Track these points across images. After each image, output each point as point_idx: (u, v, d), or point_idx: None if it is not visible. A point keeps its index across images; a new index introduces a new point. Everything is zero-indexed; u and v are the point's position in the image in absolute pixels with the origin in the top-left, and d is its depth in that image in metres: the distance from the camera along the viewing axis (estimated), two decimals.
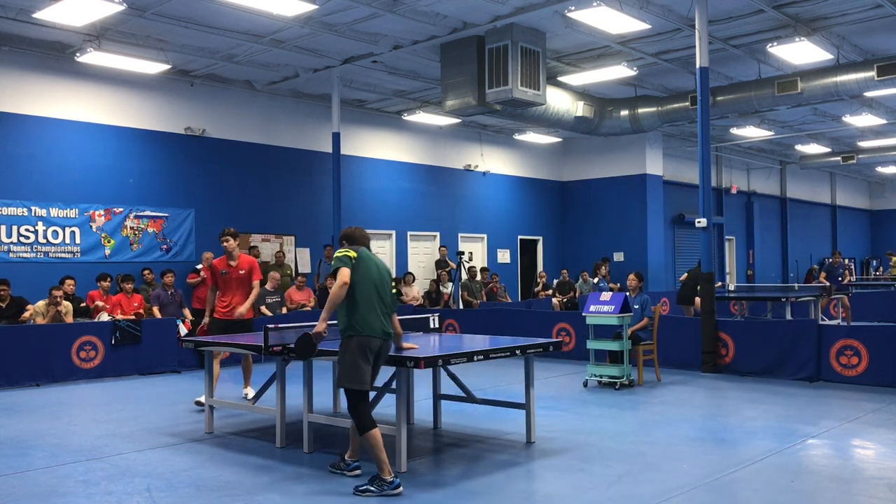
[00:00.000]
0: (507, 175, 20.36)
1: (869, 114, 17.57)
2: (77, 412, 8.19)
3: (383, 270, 5.50)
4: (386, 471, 5.03)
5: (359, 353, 5.18)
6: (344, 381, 5.18)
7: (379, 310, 5.29)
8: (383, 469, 5.03)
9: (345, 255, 5.33)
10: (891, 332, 9.16)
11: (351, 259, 5.31)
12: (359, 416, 5.16)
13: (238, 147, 14.94)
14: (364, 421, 5.13)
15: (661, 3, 11.13)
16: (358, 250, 5.42)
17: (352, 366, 5.17)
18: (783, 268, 27.28)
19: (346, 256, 5.33)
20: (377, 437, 5.11)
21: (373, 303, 5.27)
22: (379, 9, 10.93)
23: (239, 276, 8.17)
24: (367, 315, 5.22)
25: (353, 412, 5.20)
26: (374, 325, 5.24)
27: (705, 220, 10.61)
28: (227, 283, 8.18)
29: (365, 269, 5.34)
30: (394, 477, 5.03)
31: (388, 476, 5.01)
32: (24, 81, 12.25)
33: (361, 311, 5.22)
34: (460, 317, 14.00)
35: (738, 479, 5.28)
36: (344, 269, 5.25)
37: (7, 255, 11.90)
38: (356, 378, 5.16)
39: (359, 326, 5.21)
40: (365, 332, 5.20)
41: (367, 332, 5.21)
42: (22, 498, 5.03)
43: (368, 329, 5.21)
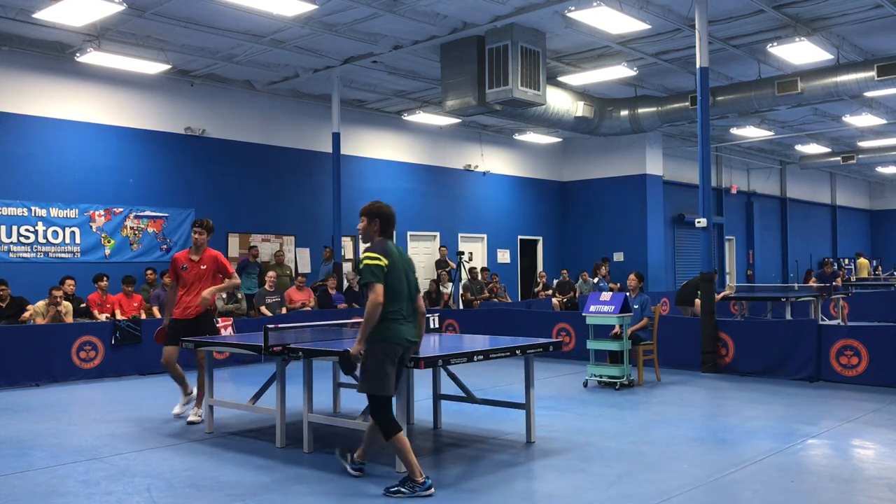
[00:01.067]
0: (507, 175, 20.36)
1: (869, 114, 17.57)
2: (77, 412, 8.19)
3: (409, 266, 5.24)
4: (417, 472, 4.93)
5: (385, 359, 4.99)
6: (369, 387, 5.01)
7: (407, 315, 5.10)
8: (414, 471, 4.94)
9: (376, 266, 4.97)
10: (891, 332, 9.15)
11: (383, 270, 4.98)
12: (384, 422, 5.01)
13: (238, 147, 14.94)
14: (390, 426, 4.99)
15: (661, 3, 11.13)
16: (387, 251, 5.08)
17: (378, 372, 4.97)
18: (783, 268, 27.29)
19: (378, 267, 4.97)
20: (404, 441, 5.00)
21: (401, 309, 5.06)
22: (379, 9, 10.93)
23: (199, 272, 7.38)
24: (395, 322, 5.03)
25: (378, 418, 5.04)
26: (402, 333, 5.05)
27: (705, 220, 10.61)
28: (185, 280, 7.41)
29: (394, 274, 5.05)
30: (425, 478, 4.94)
31: (419, 478, 4.92)
32: (24, 81, 12.25)
33: (389, 319, 5.00)
34: (460, 317, 14.00)
35: (738, 479, 5.28)
36: (378, 286, 4.92)
37: (7, 255, 11.91)
38: (382, 385, 4.98)
39: (386, 334, 5.00)
40: (392, 339, 5.01)
41: (395, 341, 5.02)
42: (22, 498, 5.03)
43: (396, 337, 5.02)
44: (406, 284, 5.12)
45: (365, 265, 4.99)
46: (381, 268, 4.97)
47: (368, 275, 4.95)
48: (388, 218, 5.20)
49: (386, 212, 5.21)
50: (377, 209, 5.20)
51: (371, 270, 4.95)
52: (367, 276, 4.95)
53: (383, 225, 5.20)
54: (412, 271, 5.26)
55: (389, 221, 5.21)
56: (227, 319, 11.83)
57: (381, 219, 5.18)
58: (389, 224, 5.21)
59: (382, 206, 5.25)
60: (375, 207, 5.21)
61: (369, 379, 5.00)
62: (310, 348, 6.08)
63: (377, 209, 5.20)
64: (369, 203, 5.28)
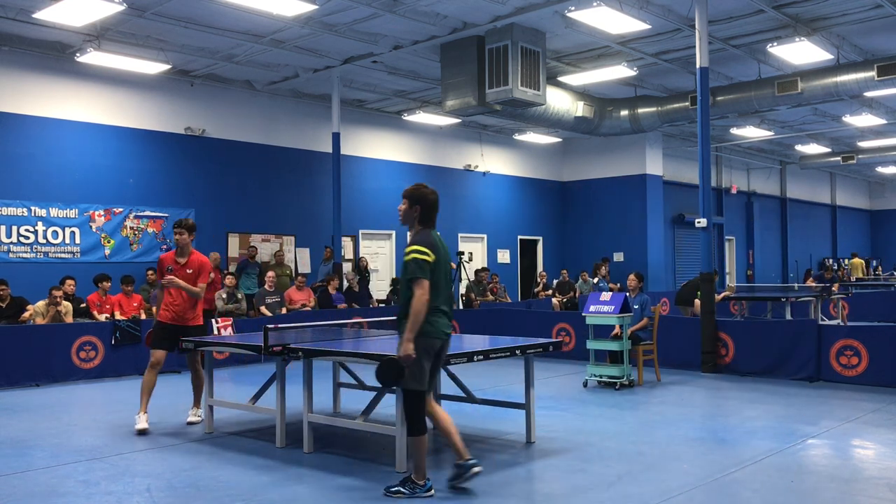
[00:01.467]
0: (507, 175, 20.36)
1: (869, 114, 17.58)
2: (77, 412, 8.18)
3: (447, 257, 5.05)
4: (421, 474, 4.91)
5: (422, 354, 4.81)
6: (404, 381, 4.83)
7: (446, 308, 4.94)
8: (419, 473, 4.90)
9: (424, 261, 4.79)
10: (891, 332, 9.15)
11: (430, 265, 4.80)
12: (414, 418, 4.90)
13: (238, 147, 14.94)
14: (419, 423, 4.89)
15: (661, 3, 11.13)
16: (434, 245, 4.88)
17: (414, 366, 4.79)
18: (783, 268, 27.29)
19: (426, 263, 4.79)
20: (424, 443, 4.93)
21: (441, 302, 4.90)
22: (379, 9, 10.93)
23: (186, 276, 7.20)
24: (434, 315, 4.85)
25: (410, 413, 4.92)
26: (440, 326, 4.90)
27: (705, 220, 10.61)
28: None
29: (438, 269, 4.88)
30: (426, 480, 4.91)
31: (420, 480, 4.90)
32: (24, 81, 12.25)
33: (429, 312, 4.81)
34: (460, 317, 13.99)
35: (738, 479, 5.28)
36: (425, 282, 4.75)
37: (7, 255, 11.91)
38: (416, 379, 4.84)
39: (425, 328, 4.81)
40: (430, 333, 4.85)
41: (433, 334, 4.86)
42: (22, 498, 5.02)
43: (434, 331, 4.86)
44: (445, 277, 4.98)
45: (412, 259, 4.80)
46: (429, 263, 4.79)
47: (416, 270, 4.77)
48: (429, 205, 4.97)
49: (428, 198, 4.97)
50: (419, 194, 4.97)
51: (419, 265, 4.78)
52: (415, 272, 4.77)
53: (424, 212, 4.97)
54: (448, 260, 5.10)
55: (431, 208, 4.97)
56: (227, 319, 11.83)
57: (422, 205, 4.96)
58: (431, 211, 4.98)
59: (425, 191, 5.00)
60: (418, 192, 4.98)
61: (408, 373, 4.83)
62: (310, 348, 6.09)
63: (419, 194, 4.97)
64: (413, 185, 5.06)
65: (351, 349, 6.20)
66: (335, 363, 7.65)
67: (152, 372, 7.18)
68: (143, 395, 7.11)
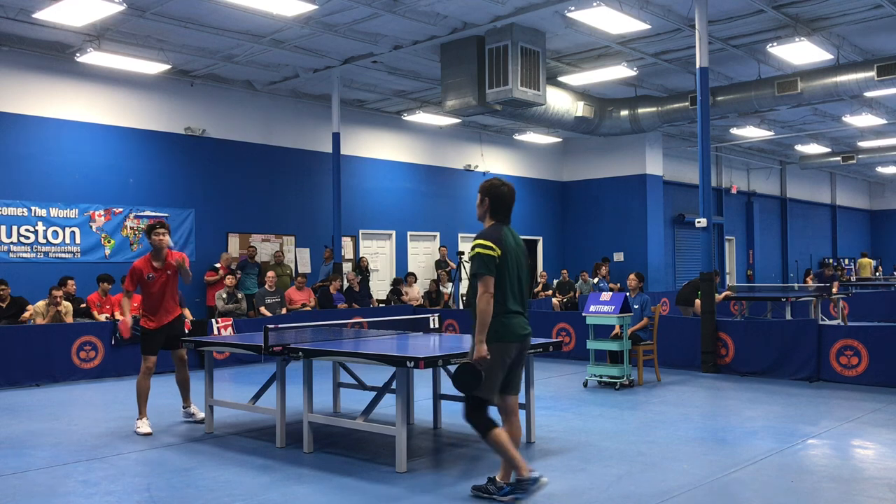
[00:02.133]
0: (507, 175, 20.34)
1: (869, 114, 17.57)
2: (77, 412, 8.18)
3: (521, 254, 4.77)
4: (522, 468, 4.55)
5: (496, 360, 4.54)
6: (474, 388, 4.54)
7: (520, 307, 4.67)
8: (520, 468, 4.55)
9: (488, 256, 4.51)
10: (891, 332, 9.15)
11: (495, 260, 4.53)
12: (478, 421, 4.57)
13: (238, 147, 14.94)
14: (483, 422, 4.56)
15: (661, 3, 11.13)
16: (501, 239, 4.61)
17: (487, 373, 4.51)
18: (783, 268, 27.29)
19: (490, 258, 4.52)
20: (503, 435, 4.55)
21: (513, 302, 4.62)
22: (379, 9, 10.93)
23: (169, 279, 7.14)
24: (506, 317, 4.57)
25: (471, 419, 4.59)
26: (514, 328, 4.61)
27: (705, 220, 10.61)
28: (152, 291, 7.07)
29: (507, 265, 4.60)
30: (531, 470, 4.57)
31: (526, 473, 4.55)
32: (24, 81, 12.25)
33: (500, 314, 4.55)
34: (460, 317, 14.00)
35: (738, 479, 5.28)
36: (489, 278, 4.49)
37: (7, 255, 11.91)
38: (485, 387, 4.53)
39: (498, 331, 4.55)
40: (504, 337, 4.56)
41: (507, 338, 4.57)
42: (22, 498, 5.03)
43: (508, 334, 4.57)
44: (517, 275, 4.68)
45: (475, 254, 4.55)
46: (494, 259, 4.52)
47: (480, 266, 4.52)
48: (499, 198, 4.73)
49: (497, 191, 4.74)
50: (489, 187, 4.76)
51: (482, 261, 4.52)
52: (479, 268, 4.52)
53: (494, 206, 4.73)
54: (525, 258, 4.83)
55: (501, 202, 4.73)
56: (227, 319, 11.83)
57: (491, 198, 4.73)
58: (501, 205, 4.73)
59: (497, 184, 4.78)
60: (488, 185, 4.77)
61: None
62: (310, 348, 6.09)
63: (489, 187, 4.76)
64: (488, 179, 4.84)
65: (351, 349, 6.20)
66: (335, 363, 7.65)
67: (147, 377, 7.17)
68: (142, 400, 7.11)
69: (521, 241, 4.85)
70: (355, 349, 6.17)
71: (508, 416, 4.79)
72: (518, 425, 4.85)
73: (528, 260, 4.88)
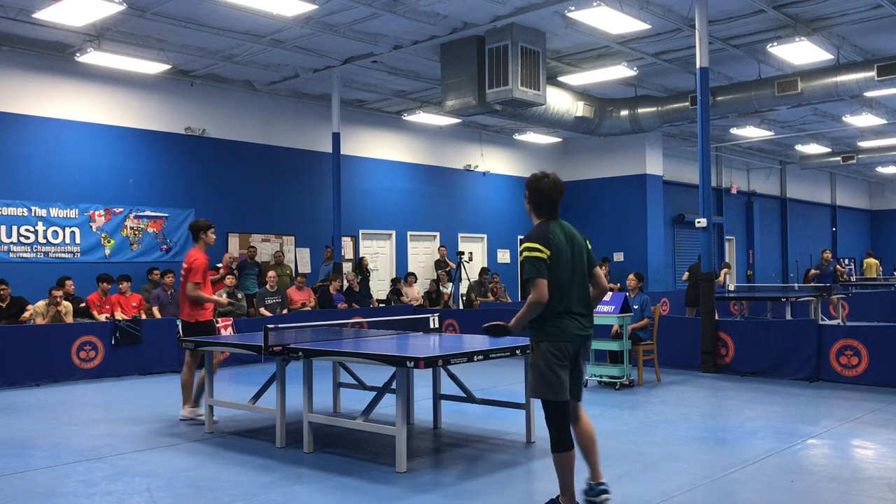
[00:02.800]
0: (507, 175, 20.36)
1: (869, 114, 17.58)
2: (77, 412, 8.18)
3: (579, 249, 4.50)
4: (569, 497, 4.40)
5: (552, 360, 4.37)
6: (537, 389, 4.41)
7: (575, 307, 4.43)
8: (567, 495, 4.40)
9: (537, 259, 4.32)
10: (891, 332, 9.15)
11: (545, 262, 4.32)
12: (554, 432, 4.39)
13: (238, 147, 14.94)
14: (560, 438, 4.38)
15: (661, 3, 11.13)
16: (549, 239, 4.38)
17: (544, 375, 4.37)
18: (783, 268, 27.28)
19: (539, 260, 4.32)
20: (570, 459, 4.38)
21: (568, 302, 4.40)
22: (379, 9, 10.93)
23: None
24: (560, 318, 4.39)
25: (549, 426, 4.42)
26: (569, 329, 4.40)
27: (705, 220, 10.61)
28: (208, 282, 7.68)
29: (559, 264, 4.37)
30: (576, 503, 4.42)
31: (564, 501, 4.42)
32: (24, 81, 12.25)
33: (553, 314, 4.37)
34: (460, 317, 14.00)
35: (738, 479, 5.28)
36: (540, 282, 4.30)
37: (7, 255, 11.91)
38: (551, 388, 4.37)
39: (550, 331, 4.39)
40: (558, 337, 4.39)
41: (561, 339, 4.39)
42: (22, 498, 5.03)
43: (561, 334, 4.38)
44: (571, 273, 4.42)
45: (525, 258, 4.37)
46: (543, 261, 4.32)
47: (530, 269, 4.33)
48: (542, 192, 4.47)
49: (538, 185, 4.50)
50: (530, 182, 4.53)
51: (532, 264, 4.33)
52: (529, 272, 4.34)
53: (537, 201, 4.50)
54: (583, 252, 4.54)
55: (545, 198, 4.47)
56: (227, 319, 11.83)
57: (533, 193, 4.51)
58: (544, 200, 4.47)
59: (538, 177, 4.53)
60: (530, 180, 4.54)
61: (537, 381, 4.42)
62: (310, 348, 6.09)
63: (530, 182, 4.53)
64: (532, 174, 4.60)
65: (351, 349, 6.20)
66: (335, 363, 7.65)
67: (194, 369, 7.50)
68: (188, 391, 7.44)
69: (577, 234, 4.55)
70: (355, 349, 6.17)
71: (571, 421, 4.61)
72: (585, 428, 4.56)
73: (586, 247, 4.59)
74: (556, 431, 4.39)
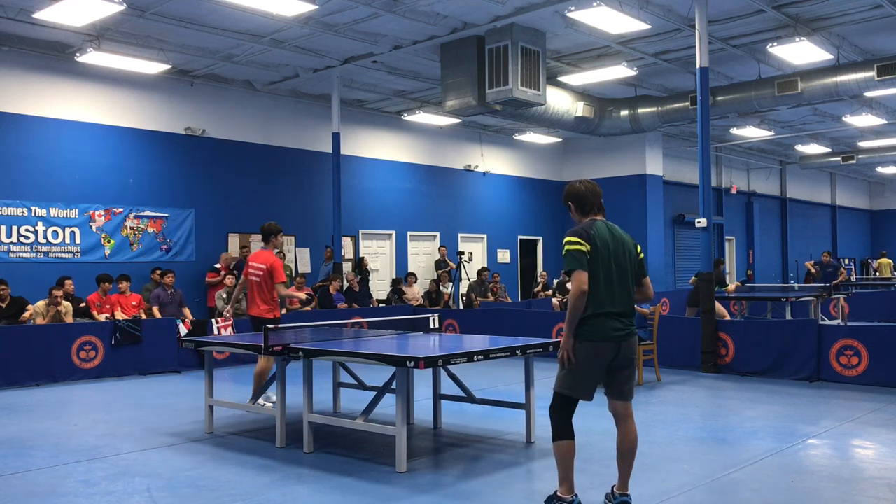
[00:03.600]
0: (507, 175, 20.36)
1: (869, 114, 17.57)
2: (77, 412, 8.18)
3: (623, 248, 4.49)
4: (567, 489, 4.40)
5: (586, 360, 4.35)
6: (559, 383, 4.42)
7: (613, 306, 4.38)
8: (564, 486, 4.41)
9: (577, 251, 4.33)
10: (891, 332, 9.15)
11: (586, 255, 4.33)
12: (557, 422, 4.41)
13: (238, 147, 14.94)
14: (560, 426, 4.40)
15: (661, 3, 11.13)
16: (590, 235, 4.39)
17: (575, 372, 4.37)
18: (783, 268, 27.28)
19: (580, 252, 4.33)
20: (569, 449, 4.40)
21: (608, 301, 4.37)
22: (379, 9, 10.93)
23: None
24: (598, 318, 4.34)
25: (551, 414, 4.45)
26: (608, 330, 4.35)
27: (705, 220, 10.61)
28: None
29: (596, 257, 4.36)
30: (573, 496, 4.42)
31: (567, 495, 4.41)
32: (24, 81, 12.25)
33: (591, 311, 4.33)
34: (460, 317, 14.00)
35: (738, 479, 5.28)
36: (580, 273, 4.29)
37: (7, 255, 11.91)
38: (574, 386, 4.38)
39: (588, 330, 4.34)
40: (596, 337, 4.34)
41: (599, 339, 4.34)
42: (22, 498, 5.03)
43: (600, 334, 4.34)
44: (612, 272, 4.40)
45: (566, 251, 4.39)
46: (584, 253, 4.33)
47: (571, 261, 4.34)
48: (579, 196, 4.57)
49: (573, 190, 4.61)
50: (567, 192, 4.64)
51: (573, 256, 4.34)
52: (570, 263, 4.34)
53: (579, 205, 4.59)
54: (630, 255, 4.55)
55: (583, 199, 4.56)
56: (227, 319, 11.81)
57: (572, 199, 4.60)
58: (584, 201, 4.56)
59: (573, 185, 4.64)
60: (566, 191, 4.65)
61: (568, 378, 4.40)
62: (310, 348, 6.09)
63: (567, 192, 4.64)
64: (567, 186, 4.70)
65: (351, 349, 6.20)
66: (335, 363, 7.65)
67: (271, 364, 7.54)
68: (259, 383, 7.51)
69: (627, 238, 4.57)
70: (355, 349, 6.17)
71: (617, 421, 4.60)
72: (628, 432, 4.52)
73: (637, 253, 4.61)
74: (557, 420, 4.41)
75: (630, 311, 4.50)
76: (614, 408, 4.59)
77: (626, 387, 4.53)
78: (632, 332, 4.48)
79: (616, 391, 4.52)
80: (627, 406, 4.54)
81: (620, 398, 4.53)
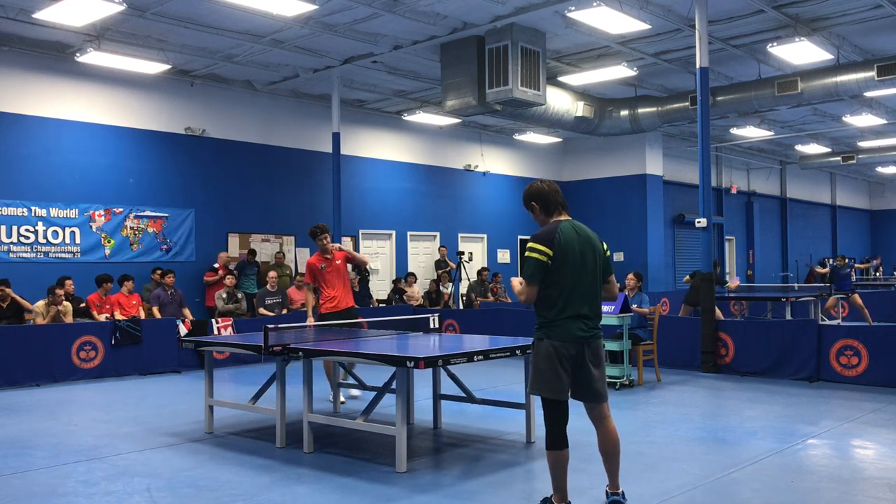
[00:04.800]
0: (507, 175, 20.36)
1: (869, 114, 17.57)
2: (77, 412, 8.18)
3: (589, 247, 4.45)
4: (560, 496, 4.39)
5: (549, 358, 4.34)
6: (536, 386, 4.39)
7: (581, 309, 4.36)
8: (558, 494, 4.39)
9: (537, 261, 4.32)
10: (891, 332, 9.15)
11: (546, 265, 4.32)
12: (549, 431, 4.38)
13: (238, 147, 14.94)
14: (554, 435, 4.36)
15: (661, 3, 11.13)
16: (553, 240, 4.36)
17: (541, 371, 4.36)
18: (783, 268, 27.28)
19: (539, 263, 4.32)
20: (562, 458, 4.36)
21: (576, 304, 4.35)
22: (379, 9, 10.93)
23: (339, 268, 8.38)
24: (563, 319, 4.34)
25: (546, 422, 4.42)
26: (574, 331, 4.34)
27: (705, 220, 10.61)
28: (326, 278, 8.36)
29: (564, 261, 4.33)
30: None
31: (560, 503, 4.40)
32: (24, 81, 12.25)
33: (556, 313, 4.35)
34: (460, 317, 14.00)
35: (738, 479, 5.28)
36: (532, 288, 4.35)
37: (7, 255, 11.90)
38: (546, 386, 4.34)
39: (551, 331, 4.36)
40: (560, 338, 4.34)
41: (563, 339, 4.34)
42: (22, 498, 5.03)
43: (563, 334, 4.33)
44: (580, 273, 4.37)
45: (527, 256, 4.39)
46: (543, 264, 4.32)
47: (529, 270, 4.36)
48: (544, 196, 4.53)
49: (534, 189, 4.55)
50: (530, 192, 4.57)
51: (532, 266, 4.35)
52: (527, 271, 4.38)
53: (544, 205, 4.54)
54: (598, 254, 4.50)
55: (547, 199, 4.52)
56: (227, 319, 11.83)
57: (537, 200, 4.55)
58: (548, 200, 4.52)
59: (535, 185, 4.57)
60: (529, 192, 4.58)
61: (535, 378, 4.41)
62: (310, 348, 6.09)
63: (530, 192, 4.57)
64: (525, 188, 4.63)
65: (351, 349, 6.20)
66: (335, 363, 7.65)
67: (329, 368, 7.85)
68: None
69: (594, 237, 4.53)
70: (355, 349, 6.17)
71: (595, 424, 4.58)
72: (608, 433, 4.50)
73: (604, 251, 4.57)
74: (551, 429, 4.38)
75: (597, 311, 4.49)
76: (590, 410, 4.56)
77: (598, 386, 4.47)
78: (597, 334, 4.47)
79: (591, 393, 4.46)
80: (604, 407, 4.50)
81: (595, 399, 4.48)
